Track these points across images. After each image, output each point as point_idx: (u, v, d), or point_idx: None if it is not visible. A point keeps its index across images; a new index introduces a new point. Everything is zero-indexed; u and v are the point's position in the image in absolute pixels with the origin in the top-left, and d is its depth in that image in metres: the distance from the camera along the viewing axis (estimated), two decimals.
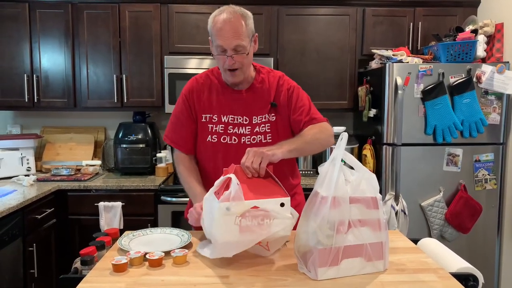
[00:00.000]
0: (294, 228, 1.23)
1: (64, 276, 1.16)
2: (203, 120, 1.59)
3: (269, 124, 1.57)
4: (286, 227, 1.18)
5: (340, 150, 1.14)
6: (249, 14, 1.51)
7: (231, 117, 1.56)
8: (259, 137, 1.56)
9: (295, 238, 1.21)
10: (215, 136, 1.56)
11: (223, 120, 1.56)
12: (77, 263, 1.24)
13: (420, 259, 1.26)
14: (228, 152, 1.54)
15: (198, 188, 1.53)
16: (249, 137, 1.56)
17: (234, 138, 1.56)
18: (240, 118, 1.56)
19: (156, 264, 1.19)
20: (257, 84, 1.60)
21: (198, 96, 1.60)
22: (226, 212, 1.13)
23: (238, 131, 1.56)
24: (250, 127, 1.56)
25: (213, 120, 1.57)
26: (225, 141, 1.56)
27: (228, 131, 1.56)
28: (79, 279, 1.11)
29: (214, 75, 1.62)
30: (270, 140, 1.56)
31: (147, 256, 1.21)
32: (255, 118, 1.57)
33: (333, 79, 3.05)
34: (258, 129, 1.56)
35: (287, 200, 1.19)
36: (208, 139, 1.57)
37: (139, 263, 1.21)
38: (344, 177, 1.14)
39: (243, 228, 1.15)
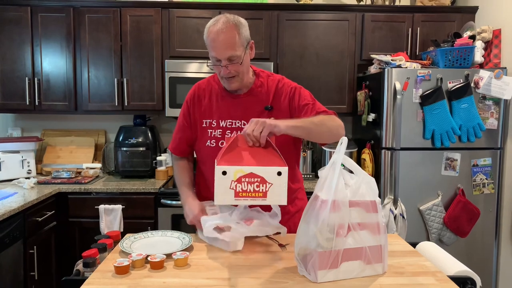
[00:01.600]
0: (294, 231, 1.24)
1: (66, 278, 1.18)
2: (204, 125, 1.61)
3: None
4: (281, 195, 1.20)
5: (340, 155, 1.16)
6: (243, 22, 1.51)
7: (229, 122, 1.58)
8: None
9: (295, 241, 1.22)
10: (214, 141, 1.58)
11: (221, 125, 1.58)
12: (79, 265, 1.25)
13: (418, 262, 1.28)
14: None
15: (185, 187, 1.62)
16: None
17: None
18: (238, 122, 1.57)
19: (157, 266, 1.21)
20: (256, 88, 1.61)
21: (199, 101, 1.63)
22: (222, 176, 1.16)
23: None
24: None
25: (212, 125, 1.59)
26: (223, 145, 1.56)
27: (226, 135, 1.57)
28: (81, 281, 1.13)
29: (215, 81, 1.64)
30: None
31: (148, 258, 1.22)
32: None
33: (333, 83, 3.07)
34: None
35: (284, 169, 1.20)
36: (207, 144, 1.59)
37: (141, 265, 1.22)
38: (344, 181, 1.16)
39: (238, 193, 1.17)
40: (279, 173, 1.19)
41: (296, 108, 1.58)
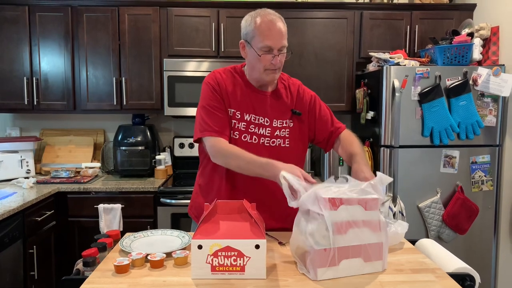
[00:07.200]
0: (291, 229, 1.24)
1: (66, 277, 1.18)
2: (229, 114, 1.56)
3: (288, 130, 1.59)
4: (260, 269, 1.14)
5: None
6: None
7: (253, 117, 1.56)
8: (279, 141, 1.57)
9: (290, 240, 1.22)
10: (237, 133, 1.55)
11: (245, 118, 1.56)
12: (79, 265, 1.25)
13: (418, 260, 1.28)
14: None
15: (261, 158, 1.40)
16: (269, 139, 1.56)
17: (254, 138, 1.56)
18: (261, 119, 1.57)
19: (157, 265, 1.21)
20: (281, 89, 1.62)
21: (224, 88, 1.56)
22: (197, 250, 1.12)
23: (258, 131, 1.56)
24: (270, 129, 1.57)
25: (236, 116, 1.56)
26: (246, 139, 1.55)
27: (250, 130, 1.56)
28: (81, 280, 1.13)
29: (237, 73, 1.61)
30: (288, 145, 1.58)
31: (148, 257, 1.22)
32: (275, 122, 1.58)
33: (331, 81, 3.07)
34: (278, 133, 1.57)
35: (262, 242, 1.13)
36: (230, 134, 1.56)
37: (141, 264, 1.22)
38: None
39: (214, 268, 1.13)
40: (257, 246, 1.12)
41: (316, 118, 1.65)
